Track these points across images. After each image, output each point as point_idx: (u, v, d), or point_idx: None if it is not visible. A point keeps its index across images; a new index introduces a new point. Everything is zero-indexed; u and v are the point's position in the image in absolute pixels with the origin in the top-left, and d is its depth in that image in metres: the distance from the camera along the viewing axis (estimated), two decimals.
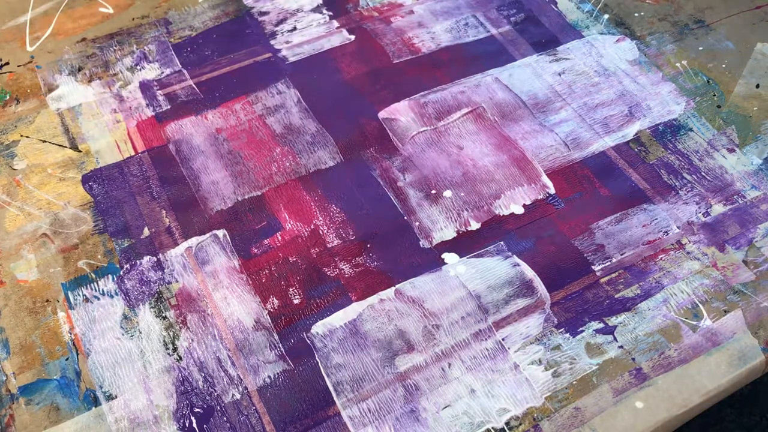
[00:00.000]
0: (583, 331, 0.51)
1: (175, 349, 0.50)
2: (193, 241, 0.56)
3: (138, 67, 0.68)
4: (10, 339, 0.51)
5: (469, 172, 0.60)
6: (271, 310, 0.52)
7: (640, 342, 0.50)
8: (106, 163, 0.61)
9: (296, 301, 0.53)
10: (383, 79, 0.67)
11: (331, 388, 0.49)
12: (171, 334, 0.51)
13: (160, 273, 0.54)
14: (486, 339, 0.51)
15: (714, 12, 0.73)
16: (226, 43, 0.71)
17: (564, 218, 0.57)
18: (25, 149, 0.62)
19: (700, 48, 0.69)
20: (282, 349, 0.50)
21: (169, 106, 0.65)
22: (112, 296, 0.53)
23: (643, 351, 0.50)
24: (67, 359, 0.50)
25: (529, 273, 0.54)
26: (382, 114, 0.65)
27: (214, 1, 0.75)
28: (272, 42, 0.71)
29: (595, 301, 0.53)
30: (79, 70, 0.68)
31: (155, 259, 0.55)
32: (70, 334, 0.51)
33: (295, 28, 0.72)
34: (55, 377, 0.49)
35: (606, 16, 0.73)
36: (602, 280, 0.54)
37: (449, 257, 0.55)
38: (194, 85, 0.67)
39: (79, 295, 0.53)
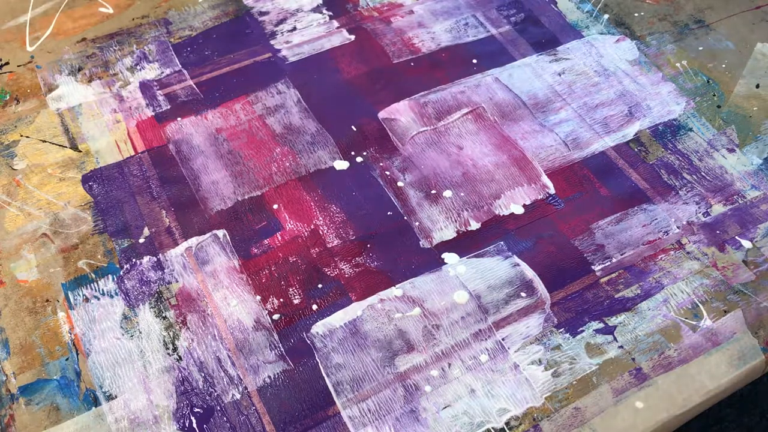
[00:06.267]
0: (583, 331, 0.51)
1: (175, 349, 0.50)
2: (193, 241, 0.56)
3: (138, 67, 0.68)
4: (10, 339, 0.51)
5: (469, 172, 0.60)
6: (271, 309, 0.52)
7: (640, 342, 0.50)
8: (106, 163, 0.61)
9: (296, 301, 0.53)
10: (383, 79, 0.67)
11: (331, 388, 0.49)
12: (171, 334, 0.51)
13: (160, 273, 0.54)
14: (486, 339, 0.51)
15: (714, 12, 0.73)
16: (226, 43, 0.70)
17: (564, 218, 0.57)
18: (25, 149, 0.62)
19: (700, 48, 0.69)
20: (282, 349, 0.50)
21: (169, 106, 0.65)
22: (112, 296, 0.53)
23: (643, 351, 0.50)
24: (67, 359, 0.50)
25: (529, 273, 0.54)
26: (382, 114, 0.65)
27: (214, 1, 0.74)
28: (272, 42, 0.71)
29: (595, 301, 0.53)
30: (79, 70, 0.68)
31: (155, 259, 0.55)
32: (70, 334, 0.51)
33: (295, 28, 0.72)
34: (55, 377, 0.49)
35: (606, 16, 0.73)
36: (602, 280, 0.54)
37: (449, 257, 0.55)
38: (194, 85, 0.67)
39: (79, 295, 0.53)
